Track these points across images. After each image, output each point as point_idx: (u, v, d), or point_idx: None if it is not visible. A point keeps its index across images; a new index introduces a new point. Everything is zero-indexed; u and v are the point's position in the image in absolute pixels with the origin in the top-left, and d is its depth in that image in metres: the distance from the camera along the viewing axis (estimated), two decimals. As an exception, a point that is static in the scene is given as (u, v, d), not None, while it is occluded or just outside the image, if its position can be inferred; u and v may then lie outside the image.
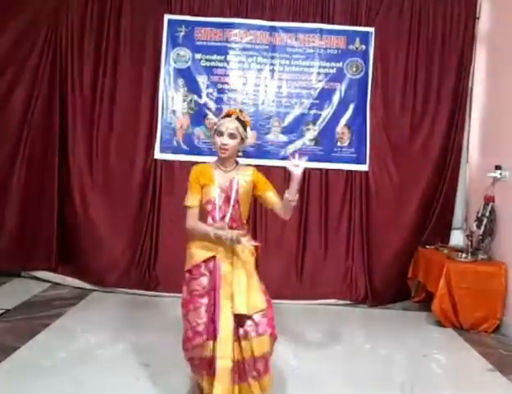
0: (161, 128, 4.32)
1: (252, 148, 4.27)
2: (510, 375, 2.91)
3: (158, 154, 4.31)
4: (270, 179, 2.36)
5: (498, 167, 3.84)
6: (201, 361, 2.17)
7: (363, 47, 4.34)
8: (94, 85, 4.26)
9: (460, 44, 4.31)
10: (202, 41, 4.32)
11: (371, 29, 4.32)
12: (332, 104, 4.35)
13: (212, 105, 4.33)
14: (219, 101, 4.33)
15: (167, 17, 4.30)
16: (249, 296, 2.17)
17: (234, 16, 4.30)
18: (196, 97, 4.33)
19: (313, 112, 4.36)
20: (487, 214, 3.88)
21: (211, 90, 4.33)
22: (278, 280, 4.09)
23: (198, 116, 4.33)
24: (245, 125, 2.28)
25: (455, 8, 4.30)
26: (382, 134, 4.33)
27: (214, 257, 2.21)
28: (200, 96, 4.33)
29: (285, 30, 4.33)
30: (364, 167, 4.35)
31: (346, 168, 4.36)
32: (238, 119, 2.25)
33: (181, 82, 4.34)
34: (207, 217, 2.24)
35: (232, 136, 2.22)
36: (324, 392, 2.63)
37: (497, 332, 3.64)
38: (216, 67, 4.34)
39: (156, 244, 4.29)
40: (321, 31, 4.33)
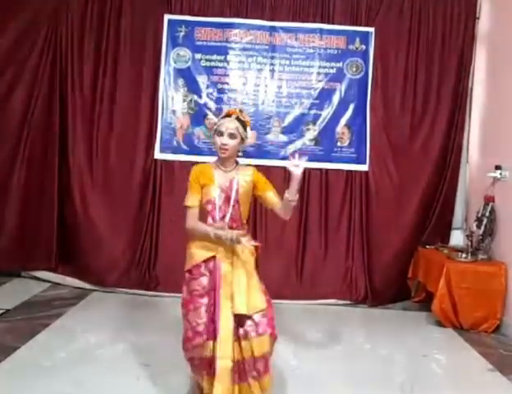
0: (161, 128, 4.32)
1: (252, 148, 4.27)
2: (510, 375, 2.91)
3: (158, 154, 4.31)
4: (270, 179, 2.36)
5: (498, 167, 3.84)
6: (201, 361, 2.17)
7: (363, 47, 4.34)
8: (94, 85, 4.27)
9: (460, 44, 4.31)
10: (202, 41, 4.32)
11: (371, 29, 4.32)
12: (332, 104, 4.35)
13: (212, 105, 4.33)
14: (219, 101, 4.33)
15: (167, 17, 4.30)
16: (249, 296, 2.17)
17: (234, 16, 4.30)
18: (196, 97, 4.33)
19: (313, 112, 4.36)
20: (487, 214, 3.88)
21: (211, 90, 4.33)
22: (278, 280, 4.09)
23: (198, 116, 4.33)
24: (245, 125, 2.28)
25: (455, 8, 4.30)
26: (382, 134, 4.33)
27: (214, 257, 2.21)
28: (200, 96, 4.33)
29: (285, 30, 4.33)
30: (364, 167, 4.35)
31: (346, 168, 4.36)
32: (238, 119, 2.25)
33: (181, 82, 4.34)
34: (207, 217, 2.24)
35: (232, 136, 2.22)
36: (324, 392, 2.63)
37: (497, 332, 3.64)
38: (216, 67, 4.34)
39: (156, 244, 4.29)
40: (321, 31, 4.32)
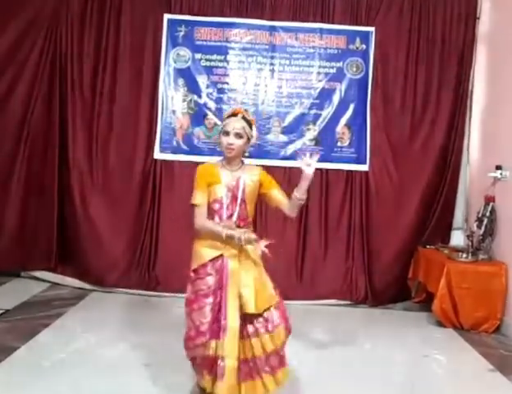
0: (161, 128, 4.32)
1: (252, 148, 4.24)
2: (511, 375, 2.91)
3: (158, 154, 4.31)
4: (270, 179, 2.35)
5: (498, 167, 3.84)
6: (203, 360, 2.16)
7: (364, 46, 4.34)
8: (94, 85, 4.26)
9: (460, 44, 4.30)
10: (202, 41, 4.32)
11: (371, 28, 4.32)
12: (332, 104, 4.35)
13: (212, 105, 4.33)
14: (219, 101, 4.33)
15: (167, 17, 4.29)
16: (258, 294, 2.17)
17: (234, 16, 4.30)
18: (196, 97, 4.33)
19: (313, 112, 4.35)
20: (488, 214, 3.88)
21: (211, 90, 4.33)
22: (278, 280, 4.06)
23: (198, 116, 4.33)
24: (251, 124, 2.28)
25: (455, 8, 4.30)
26: (382, 134, 4.33)
27: (221, 255, 2.19)
28: (200, 96, 4.33)
29: (285, 30, 4.33)
30: (364, 167, 4.35)
31: (346, 168, 4.36)
32: (244, 118, 2.24)
33: (181, 82, 4.33)
34: (213, 216, 2.23)
35: (238, 136, 2.22)
36: (324, 392, 2.63)
37: (498, 333, 3.63)
38: (216, 67, 4.33)
39: (156, 244, 4.29)
40: (321, 31, 4.32)
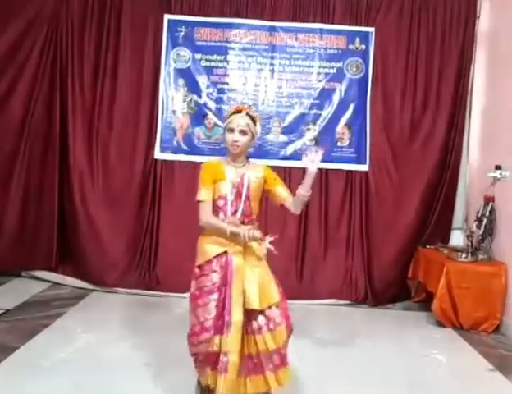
0: (161, 128, 4.32)
1: (252, 148, 4.25)
2: (510, 375, 2.91)
3: (158, 154, 4.31)
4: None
5: (498, 167, 3.84)
6: (206, 357, 2.17)
7: (363, 47, 4.34)
8: (94, 85, 4.26)
9: (460, 44, 4.30)
10: (202, 41, 4.32)
11: (371, 28, 4.32)
12: (332, 104, 4.35)
13: (212, 105, 4.33)
14: (219, 101, 4.33)
15: (167, 17, 4.29)
16: (262, 290, 2.18)
17: (234, 16, 4.30)
18: (196, 97, 4.33)
19: (313, 112, 4.35)
20: (487, 214, 3.88)
21: (211, 90, 4.33)
22: (278, 280, 4.08)
23: (198, 116, 4.33)
24: (255, 120, 2.29)
25: (455, 8, 4.30)
26: (382, 134, 4.33)
27: (226, 252, 2.20)
28: (200, 96, 4.33)
29: (285, 30, 4.33)
30: (364, 167, 4.35)
31: (346, 168, 4.36)
32: (248, 115, 2.25)
33: (181, 82, 4.33)
34: (218, 212, 2.24)
35: (243, 133, 2.23)
36: (324, 392, 2.63)
37: (497, 332, 3.64)
38: (216, 67, 4.33)
39: (156, 244, 4.29)
40: (321, 31, 4.32)
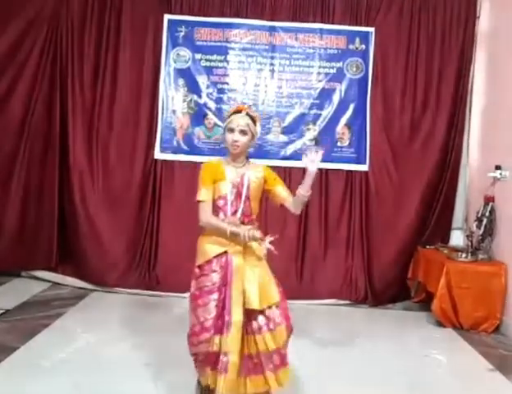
0: (161, 128, 4.32)
1: (252, 148, 4.25)
2: (510, 375, 2.91)
3: (158, 154, 4.31)
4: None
5: (498, 167, 3.84)
6: (206, 357, 2.17)
7: (363, 47, 4.34)
8: (94, 85, 4.27)
9: (460, 44, 4.30)
10: (202, 41, 4.32)
11: (371, 28, 4.32)
12: (332, 104, 4.35)
13: (212, 105, 4.33)
14: (219, 101, 4.33)
15: (167, 17, 4.29)
16: (262, 290, 2.18)
17: (234, 16, 4.30)
18: (196, 97, 4.33)
19: (313, 112, 4.36)
20: (487, 214, 3.88)
21: (211, 90, 4.33)
22: (278, 280, 4.08)
23: (198, 116, 4.33)
24: (255, 120, 2.29)
25: (455, 8, 4.30)
26: (382, 134, 4.33)
27: (226, 252, 2.20)
28: (200, 96, 4.33)
29: (285, 30, 4.33)
30: (364, 167, 4.35)
31: (346, 168, 4.36)
32: (248, 115, 2.26)
33: (181, 82, 4.33)
34: (218, 212, 2.24)
35: (243, 133, 2.23)
36: (324, 392, 2.63)
37: (497, 332, 3.64)
38: (216, 67, 4.33)
39: (156, 244, 4.29)
40: (321, 31, 4.32)
